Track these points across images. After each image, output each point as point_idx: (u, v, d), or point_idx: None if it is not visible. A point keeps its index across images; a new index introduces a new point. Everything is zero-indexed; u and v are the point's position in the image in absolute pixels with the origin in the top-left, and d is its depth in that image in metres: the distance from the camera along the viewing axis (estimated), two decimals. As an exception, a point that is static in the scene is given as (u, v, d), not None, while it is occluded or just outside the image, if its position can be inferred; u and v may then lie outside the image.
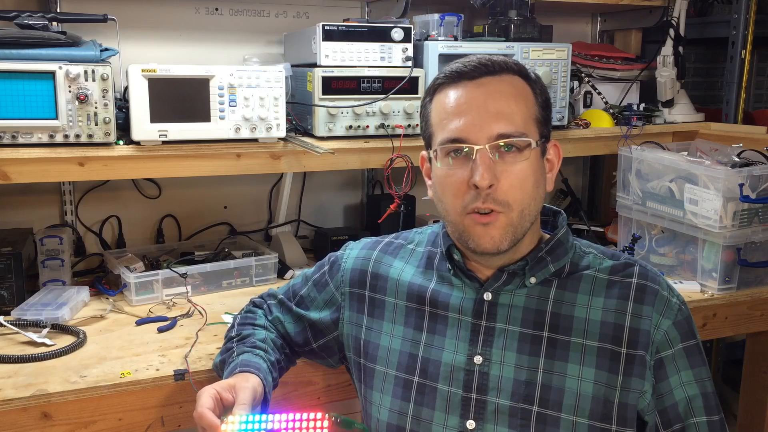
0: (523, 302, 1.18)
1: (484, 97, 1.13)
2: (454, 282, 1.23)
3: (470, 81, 1.15)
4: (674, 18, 2.41)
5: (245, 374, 1.19)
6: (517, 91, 1.15)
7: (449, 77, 1.17)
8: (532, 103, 1.16)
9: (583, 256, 1.22)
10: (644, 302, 1.15)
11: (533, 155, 1.14)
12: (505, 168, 1.12)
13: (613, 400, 1.12)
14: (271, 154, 1.86)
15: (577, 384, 1.13)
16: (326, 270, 1.38)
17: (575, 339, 1.15)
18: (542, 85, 1.21)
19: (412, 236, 1.36)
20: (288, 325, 1.38)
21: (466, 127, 1.13)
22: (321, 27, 1.89)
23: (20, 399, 1.32)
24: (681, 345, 1.15)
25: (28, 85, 1.62)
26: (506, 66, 1.16)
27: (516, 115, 1.13)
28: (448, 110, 1.15)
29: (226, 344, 1.35)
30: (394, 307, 1.27)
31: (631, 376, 1.13)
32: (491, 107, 1.12)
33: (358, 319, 1.31)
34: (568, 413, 1.12)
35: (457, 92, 1.15)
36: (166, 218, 2.28)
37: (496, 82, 1.14)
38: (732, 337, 2.63)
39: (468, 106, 1.13)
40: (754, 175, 1.85)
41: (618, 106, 2.41)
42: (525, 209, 1.14)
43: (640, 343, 1.13)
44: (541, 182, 1.18)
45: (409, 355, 1.23)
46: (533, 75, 1.19)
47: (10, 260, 1.73)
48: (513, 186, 1.12)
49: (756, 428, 2.15)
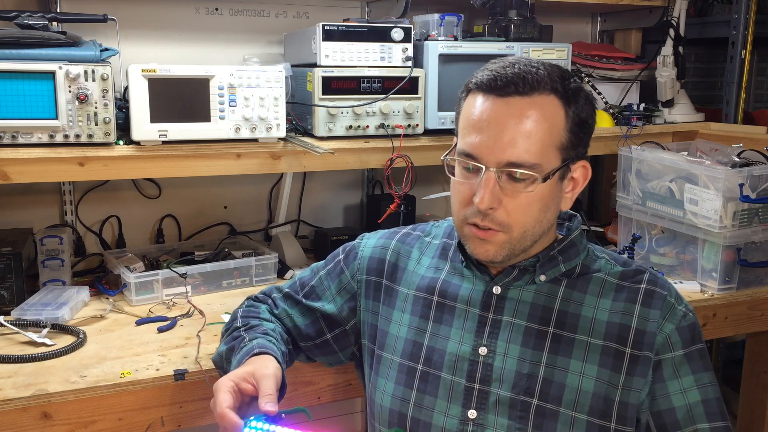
0: (531, 298, 1.19)
1: (505, 120, 1.10)
2: (465, 274, 1.25)
3: (498, 98, 1.11)
4: (674, 18, 2.41)
5: (264, 358, 1.16)
6: (543, 117, 1.10)
7: (483, 85, 1.12)
8: (560, 129, 1.12)
9: (595, 260, 1.23)
10: (651, 306, 1.16)
11: (541, 186, 1.12)
12: (510, 193, 1.12)
13: (614, 398, 1.13)
14: (271, 154, 1.86)
15: (579, 380, 1.14)
16: (341, 258, 1.38)
17: (580, 336, 1.16)
18: (581, 104, 1.14)
19: (429, 229, 1.38)
20: (297, 318, 1.37)
21: (480, 145, 1.11)
22: (321, 27, 1.89)
23: (20, 399, 1.32)
24: (682, 350, 1.15)
25: (28, 85, 1.62)
26: (540, 84, 1.10)
27: (534, 144, 1.09)
28: (471, 121, 1.13)
29: (231, 333, 1.31)
30: (406, 296, 1.29)
31: (634, 376, 1.13)
32: (509, 133, 1.09)
33: (375, 307, 1.32)
34: (568, 408, 1.13)
35: (484, 104, 1.12)
36: (166, 218, 2.28)
37: (524, 104, 1.10)
38: (732, 337, 2.63)
39: (488, 123, 1.11)
40: (754, 175, 1.85)
41: (618, 106, 2.41)
42: (527, 231, 1.14)
43: (645, 344, 1.14)
44: (551, 206, 1.16)
45: (413, 342, 1.24)
46: (571, 92, 1.13)
47: (10, 260, 1.73)
48: (516, 210, 1.12)
49: (756, 428, 2.16)
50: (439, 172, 2.52)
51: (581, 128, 1.15)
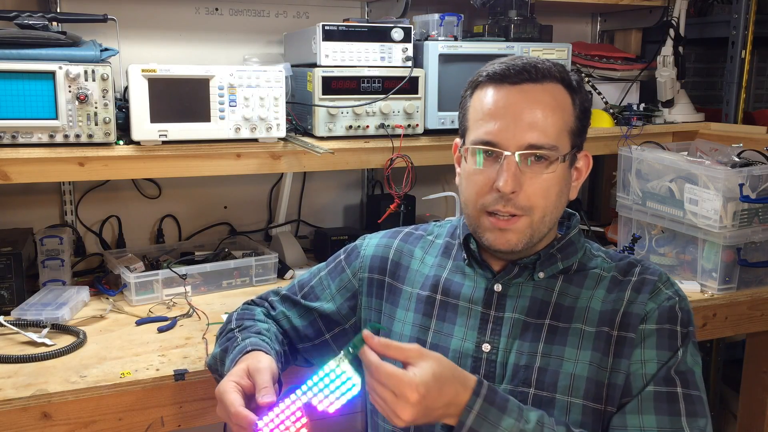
0: (530, 293, 1.21)
1: (522, 105, 1.14)
2: (466, 272, 1.27)
3: (512, 86, 1.15)
4: (674, 18, 2.42)
5: (255, 354, 1.17)
6: (556, 102, 1.16)
7: (493, 77, 1.17)
8: (570, 115, 1.17)
9: (592, 258, 1.26)
10: (641, 291, 1.19)
11: (560, 167, 1.16)
12: (530, 176, 1.14)
13: (604, 381, 1.14)
14: (271, 154, 1.86)
15: (573, 366, 1.15)
16: (342, 258, 1.40)
17: (575, 325, 1.18)
18: (584, 94, 1.20)
19: (431, 228, 1.39)
20: (295, 320, 1.37)
21: (499, 131, 1.14)
22: (321, 27, 1.89)
23: (20, 399, 1.32)
24: (655, 325, 1.16)
25: (28, 85, 1.62)
26: (550, 73, 1.16)
27: (550, 126, 1.14)
28: (486, 111, 1.17)
29: (225, 335, 1.31)
30: (410, 295, 1.30)
31: (621, 358, 1.15)
32: (527, 116, 1.14)
33: (377, 305, 1.33)
34: (563, 394, 1.14)
35: (498, 94, 1.16)
36: (166, 218, 2.28)
37: (537, 90, 1.15)
38: (732, 337, 2.63)
39: (505, 111, 1.15)
40: (754, 175, 1.85)
41: (618, 106, 2.41)
42: (547, 216, 1.17)
43: (631, 325, 1.16)
44: (565, 191, 1.20)
45: (417, 340, 1.25)
46: (575, 83, 1.19)
47: (10, 260, 1.73)
48: (536, 193, 1.15)
49: (756, 428, 2.16)
50: (439, 172, 2.53)
51: (585, 117, 1.21)
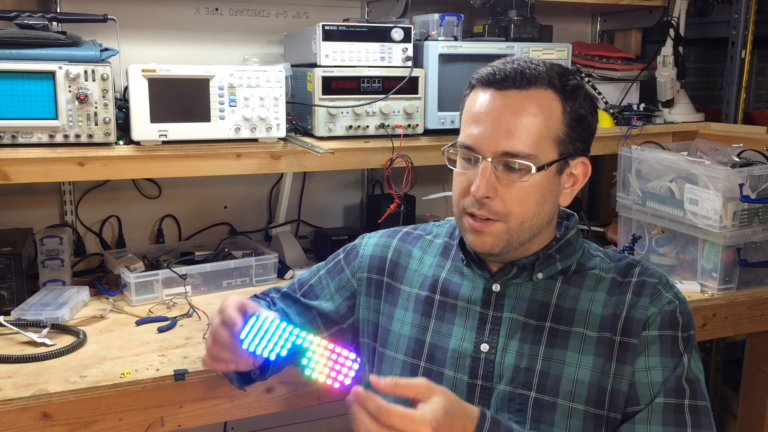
0: (529, 294, 1.22)
1: (503, 111, 1.14)
2: (465, 272, 1.27)
3: (497, 91, 1.15)
4: (674, 18, 2.41)
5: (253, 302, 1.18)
6: (539, 110, 1.14)
7: (483, 79, 1.18)
8: (556, 122, 1.15)
9: (591, 258, 1.26)
10: (641, 295, 1.19)
11: (539, 176, 1.15)
12: (506, 183, 1.15)
13: (606, 386, 1.14)
14: (271, 154, 1.86)
15: (575, 371, 1.15)
16: (341, 257, 1.40)
17: (576, 329, 1.18)
18: (580, 100, 1.17)
19: (430, 228, 1.40)
20: (294, 317, 1.38)
21: (478, 136, 1.15)
22: (321, 27, 1.89)
23: (20, 399, 1.32)
24: (658, 332, 1.16)
25: (28, 85, 1.62)
26: (537, 80, 1.14)
27: (530, 135, 1.13)
28: (471, 114, 1.18)
29: None
30: (408, 295, 1.30)
31: (624, 364, 1.15)
32: (505, 123, 1.13)
33: (375, 305, 1.33)
34: (565, 399, 1.15)
35: (484, 97, 1.17)
36: (166, 218, 2.28)
37: (521, 97, 1.14)
38: (732, 337, 2.63)
39: (486, 116, 1.15)
40: (754, 175, 1.85)
41: (618, 106, 2.41)
42: (525, 222, 1.16)
43: (633, 331, 1.16)
44: (549, 199, 1.18)
45: (416, 340, 1.26)
46: (569, 90, 1.16)
47: (10, 260, 1.73)
48: (512, 200, 1.15)
49: (756, 428, 2.16)
50: (439, 172, 2.53)
51: (579, 124, 1.18)
